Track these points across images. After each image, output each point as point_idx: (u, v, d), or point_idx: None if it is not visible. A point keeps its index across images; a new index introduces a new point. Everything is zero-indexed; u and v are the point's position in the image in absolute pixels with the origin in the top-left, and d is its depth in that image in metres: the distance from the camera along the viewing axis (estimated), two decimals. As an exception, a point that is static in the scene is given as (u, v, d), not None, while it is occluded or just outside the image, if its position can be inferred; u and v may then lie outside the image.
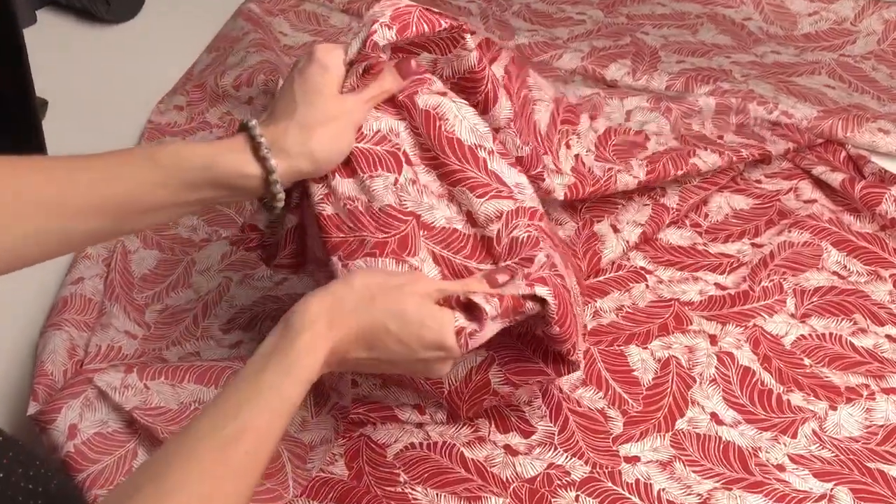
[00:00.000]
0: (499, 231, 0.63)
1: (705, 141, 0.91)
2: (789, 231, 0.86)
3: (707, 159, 0.87)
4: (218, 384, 0.71)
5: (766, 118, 0.95)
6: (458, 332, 0.56)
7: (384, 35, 0.60)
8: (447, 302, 0.57)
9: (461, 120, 0.63)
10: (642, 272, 0.83)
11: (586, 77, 1.04)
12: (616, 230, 0.84)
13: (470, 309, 0.57)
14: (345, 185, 0.61)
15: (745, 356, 0.76)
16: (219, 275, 0.85)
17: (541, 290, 0.58)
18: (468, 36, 0.63)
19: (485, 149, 0.64)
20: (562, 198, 0.76)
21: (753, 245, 0.86)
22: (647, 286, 0.82)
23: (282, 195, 0.58)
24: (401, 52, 0.64)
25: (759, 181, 0.92)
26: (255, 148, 0.56)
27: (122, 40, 1.17)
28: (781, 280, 0.82)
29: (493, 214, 0.63)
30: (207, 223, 0.90)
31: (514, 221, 0.63)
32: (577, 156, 0.84)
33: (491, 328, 0.58)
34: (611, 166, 0.82)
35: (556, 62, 1.06)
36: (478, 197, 0.63)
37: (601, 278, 0.83)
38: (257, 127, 0.57)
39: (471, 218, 0.63)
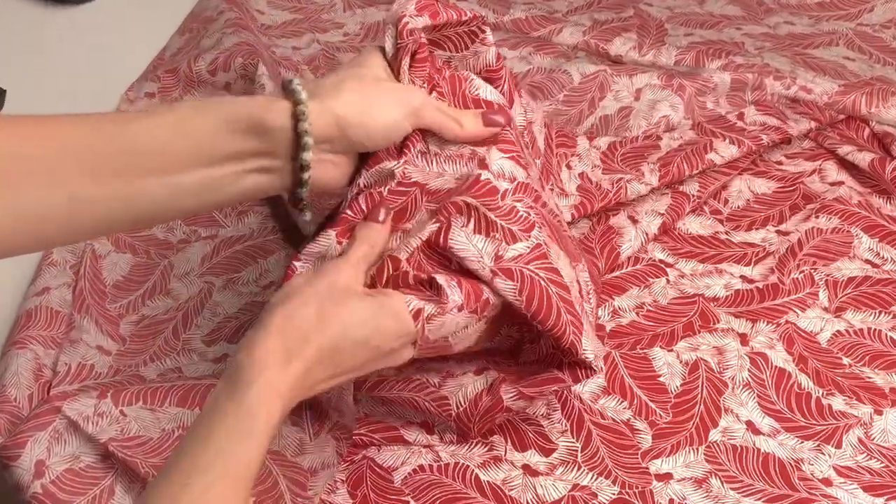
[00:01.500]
0: (505, 191, 0.56)
1: (723, 125, 0.85)
2: (816, 217, 0.80)
3: (724, 152, 0.81)
4: (202, 405, 0.64)
5: (784, 94, 0.88)
6: (416, 315, 0.52)
7: (416, 22, 0.55)
8: (400, 282, 0.53)
9: (486, 87, 0.58)
10: (662, 265, 0.77)
11: (589, 53, 0.97)
12: (634, 221, 0.77)
13: (430, 287, 0.54)
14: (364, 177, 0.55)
15: (780, 357, 0.70)
16: (199, 279, 0.78)
17: (502, 285, 0.54)
18: (487, 29, 0.58)
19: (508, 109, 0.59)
20: (568, 219, 0.71)
21: (779, 233, 0.79)
22: (669, 281, 0.76)
23: (309, 141, 0.50)
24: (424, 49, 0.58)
25: (779, 162, 0.86)
26: (285, 87, 0.51)
27: (85, 22, 1.08)
28: (812, 271, 0.75)
29: (507, 173, 0.57)
30: (185, 222, 0.82)
31: (520, 194, 0.57)
32: (581, 174, 0.78)
33: (455, 318, 0.54)
34: (620, 177, 0.77)
35: (555, 37, 0.99)
36: (500, 152, 0.57)
37: (617, 273, 0.76)
38: (294, 76, 0.52)
39: (483, 164, 0.56)
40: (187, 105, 0.50)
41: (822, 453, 0.64)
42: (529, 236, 0.56)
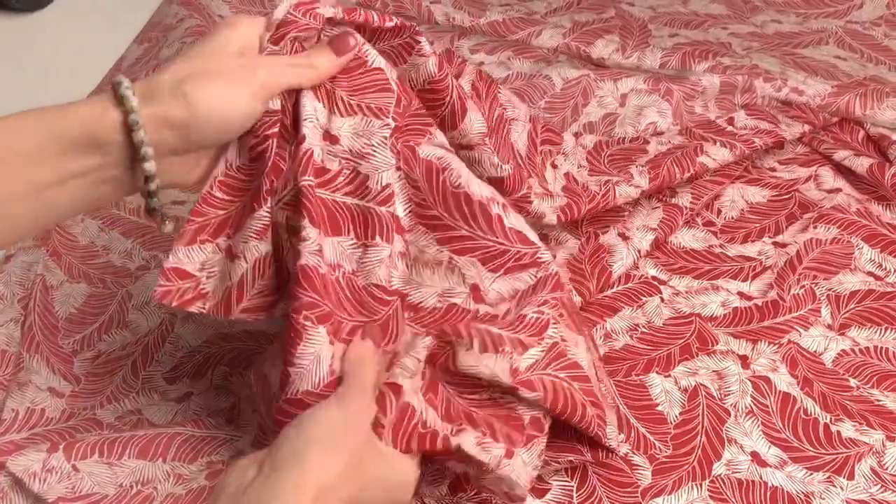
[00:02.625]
0: (508, 310, 0.54)
1: (713, 130, 0.80)
2: (814, 227, 0.76)
3: (716, 155, 0.77)
4: (166, 456, 0.59)
5: (775, 96, 0.84)
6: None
7: (326, 10, 0.51)
8: (428, 442, 0.49)
9: (468, 173, 0.54)
10: (655, 283, 0.73)
11: (571, 56, 0.92)
12: (625, 238, 0.73)
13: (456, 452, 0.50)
14: (329, 248, 0.50)
15: (783, 380, 0.65)
16: (160, 310, 0.72)
17: (528, 395, 0.51)
18: (422, 39, 0.54)
19: (497, 203, 0.55)
20: (554, 222, 0.68)
21: (776, 244, 0.75)
22: (663, 300, 0.71)
23: (149, 151, 0.47)
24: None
25: (772, 169, 0.82)
26: (115, 89, 0.47)
27: (37, 31, 1.02)
28: (812, 285, 0.71)
29: (506, 293, 0.54)
30: (144, 247, 0.77)
31: (527, 299, 0.54)
32: (566, 174, 0.73)
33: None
34: (608, 178, 0.72)
35: (534, 40, 0.94)
36: (490, 271, 0.53)
37: (608, 293, 0.72)
38: (124, 77, 0.47)
39: (477, 293, 0.53)
40: (6, 125, 0.46)
41: (834, 486, 0.60)
42: (542, 339, 0.53)
